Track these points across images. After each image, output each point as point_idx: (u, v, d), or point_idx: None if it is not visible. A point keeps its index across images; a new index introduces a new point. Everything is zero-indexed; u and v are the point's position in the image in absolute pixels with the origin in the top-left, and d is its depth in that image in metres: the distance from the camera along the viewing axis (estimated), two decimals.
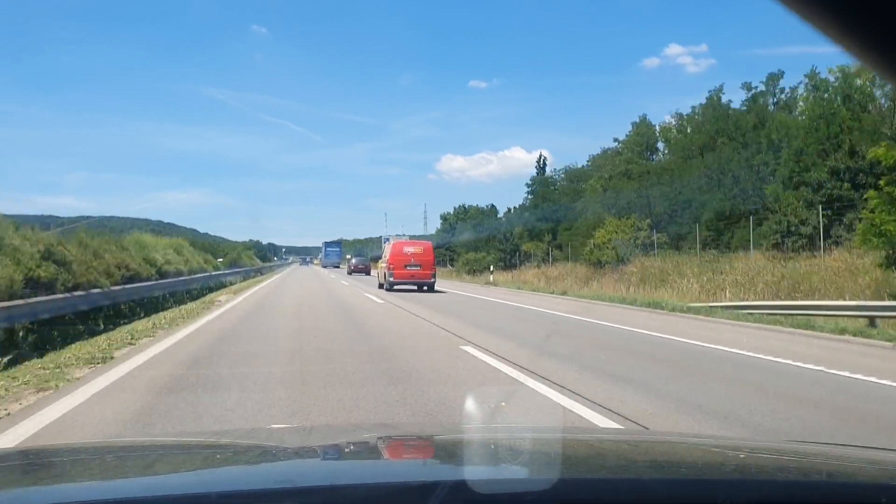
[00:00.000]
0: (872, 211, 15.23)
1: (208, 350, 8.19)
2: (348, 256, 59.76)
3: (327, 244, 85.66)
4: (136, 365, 7.04)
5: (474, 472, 1.29)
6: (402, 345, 8.81)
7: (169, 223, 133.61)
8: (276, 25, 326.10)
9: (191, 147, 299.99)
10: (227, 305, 16.48)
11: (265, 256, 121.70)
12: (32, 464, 1.57)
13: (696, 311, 15.40)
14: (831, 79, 32.18)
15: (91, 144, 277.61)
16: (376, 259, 47.19)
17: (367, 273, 47.23)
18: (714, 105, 43.55)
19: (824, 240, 22.91)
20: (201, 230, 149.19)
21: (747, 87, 42.87)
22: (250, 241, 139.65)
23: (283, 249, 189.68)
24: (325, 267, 72.61)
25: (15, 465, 1.55)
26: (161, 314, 13.71)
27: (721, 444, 2.18)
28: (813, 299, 16.38)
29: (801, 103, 38.76)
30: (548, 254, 41.39)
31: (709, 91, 48.30)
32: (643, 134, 48.15)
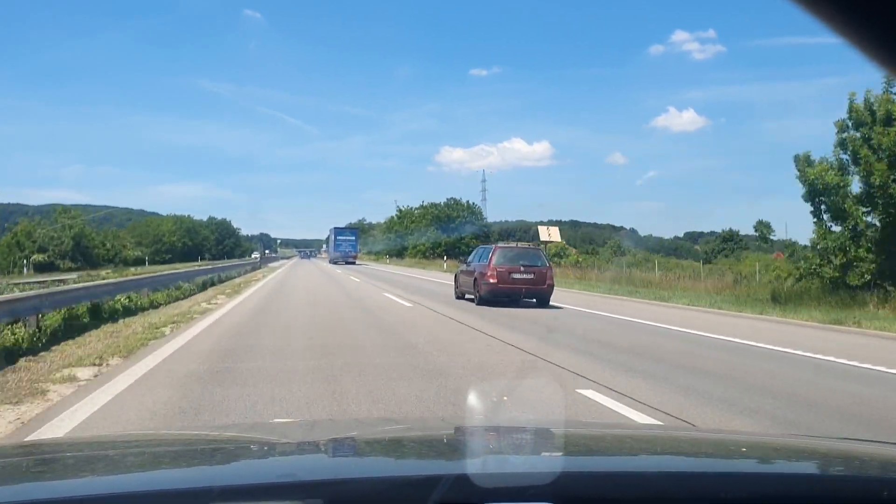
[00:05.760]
0: None
1: None
2: (501, 245, 17.23)
3: (338, 230, 59.78)
4: None
5: (477, 465, 1.29)
6: None
7: (152, 212, 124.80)
8: (269, 12, 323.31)
9: (188, 140, 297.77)
10: None
11: (207, 250, 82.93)
12: (34, 458, 1.57)
13: None
14: None
15: (88, 138, 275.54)
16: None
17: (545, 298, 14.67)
18: None
19: None
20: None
21: None
22: (210, 218, 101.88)
23: (278, 241, 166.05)
24: (333, 263, 53.46)
25: (16, 459, 1.55)
26: None
27: (725, 438, 2.19)
28: None
29: None
30: None
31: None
32: None
